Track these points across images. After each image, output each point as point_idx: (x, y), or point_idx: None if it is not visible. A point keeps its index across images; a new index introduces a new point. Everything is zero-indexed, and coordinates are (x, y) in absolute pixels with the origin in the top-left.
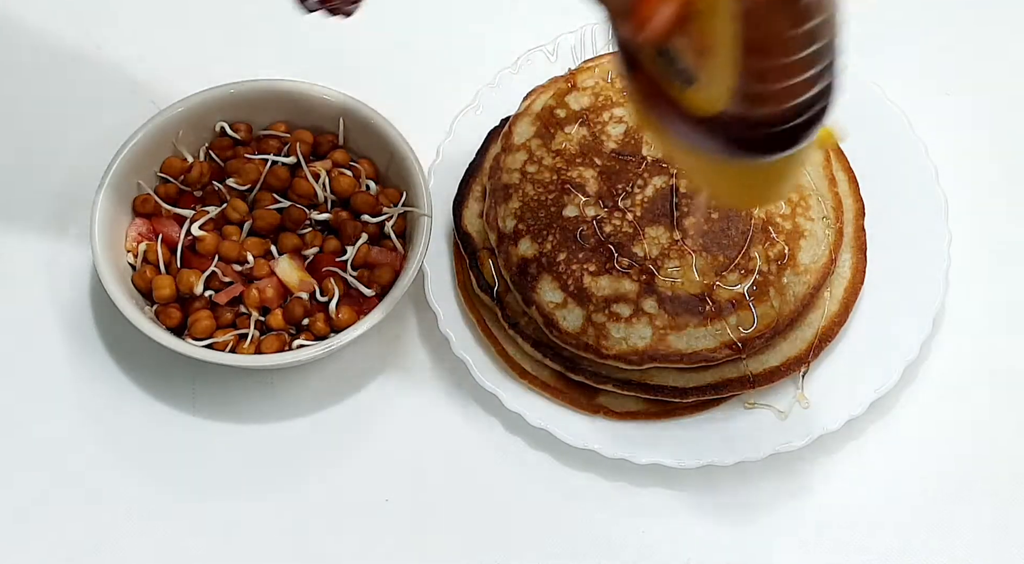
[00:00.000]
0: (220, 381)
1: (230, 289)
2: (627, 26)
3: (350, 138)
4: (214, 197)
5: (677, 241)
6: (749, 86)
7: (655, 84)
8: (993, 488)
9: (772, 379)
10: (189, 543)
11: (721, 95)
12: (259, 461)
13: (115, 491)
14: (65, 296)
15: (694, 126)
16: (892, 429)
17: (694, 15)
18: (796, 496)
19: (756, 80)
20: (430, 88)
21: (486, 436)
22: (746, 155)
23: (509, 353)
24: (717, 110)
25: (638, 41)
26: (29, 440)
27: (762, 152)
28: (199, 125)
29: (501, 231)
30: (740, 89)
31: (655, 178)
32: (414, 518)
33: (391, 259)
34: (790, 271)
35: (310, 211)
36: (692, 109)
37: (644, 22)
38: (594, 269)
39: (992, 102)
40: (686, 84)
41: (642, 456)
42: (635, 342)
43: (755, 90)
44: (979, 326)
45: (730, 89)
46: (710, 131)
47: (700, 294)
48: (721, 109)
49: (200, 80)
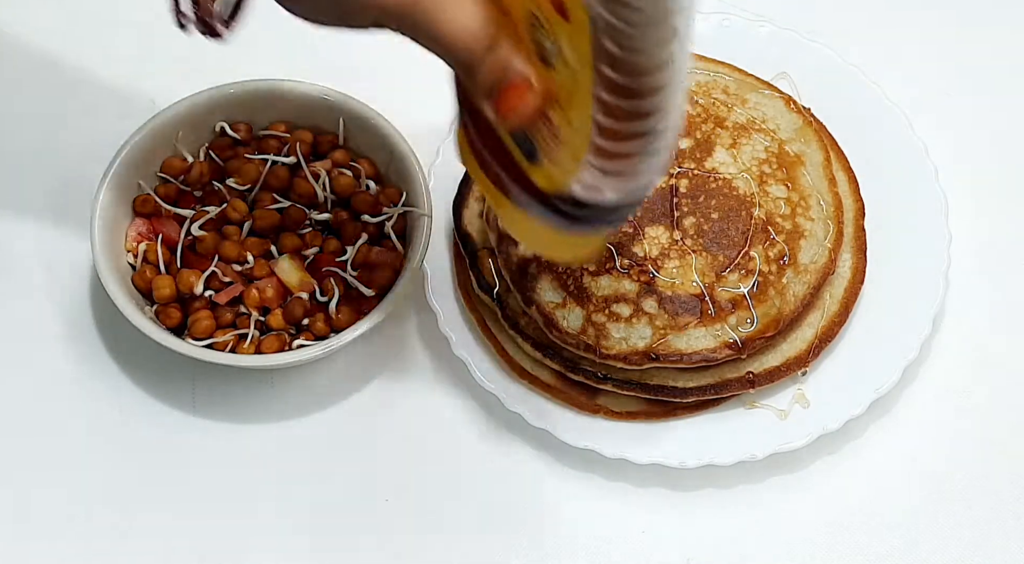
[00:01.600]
0: (220, 381)
1: (230, 289)
2: (490, 106)
3: (350, 138)
4: (214, 197)
5: (677, 241)
6: (589, 176)
7: (498, 143)
8: (993, 488)
9: (772, 379)
10: (189, 543)
11: (562, 179)
12: (259, 461)
13: (115, 490)
14: (65, 296)
15: (527, 192)
16: (892, 429)
17: (551, 106)
18: (796, 496)
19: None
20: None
21: (486, 436)
22: (567, 227)
23: (509, 353)
24: (556, 189)
25: (499, 125)
26: (29, 440)
27: (582, 227)
28: (199, 125)
29: (501, 231)
30: (580, 180)
31: None
32: (414, 518)
33: (391, 259)
34: (790, 271)
35: (310, 211)
36: (534, 182)
37: (510, 111)
38: (594, 269)
39: (992, 102)
40: (531, 159)
41: (642, 456)
42: (635, 342)
43: (593, 179)
44: (979, 326)
45: (570, 175)
46: (542, 202)
47: (700, 294)
48: (559, 190)
49: (200, 80)
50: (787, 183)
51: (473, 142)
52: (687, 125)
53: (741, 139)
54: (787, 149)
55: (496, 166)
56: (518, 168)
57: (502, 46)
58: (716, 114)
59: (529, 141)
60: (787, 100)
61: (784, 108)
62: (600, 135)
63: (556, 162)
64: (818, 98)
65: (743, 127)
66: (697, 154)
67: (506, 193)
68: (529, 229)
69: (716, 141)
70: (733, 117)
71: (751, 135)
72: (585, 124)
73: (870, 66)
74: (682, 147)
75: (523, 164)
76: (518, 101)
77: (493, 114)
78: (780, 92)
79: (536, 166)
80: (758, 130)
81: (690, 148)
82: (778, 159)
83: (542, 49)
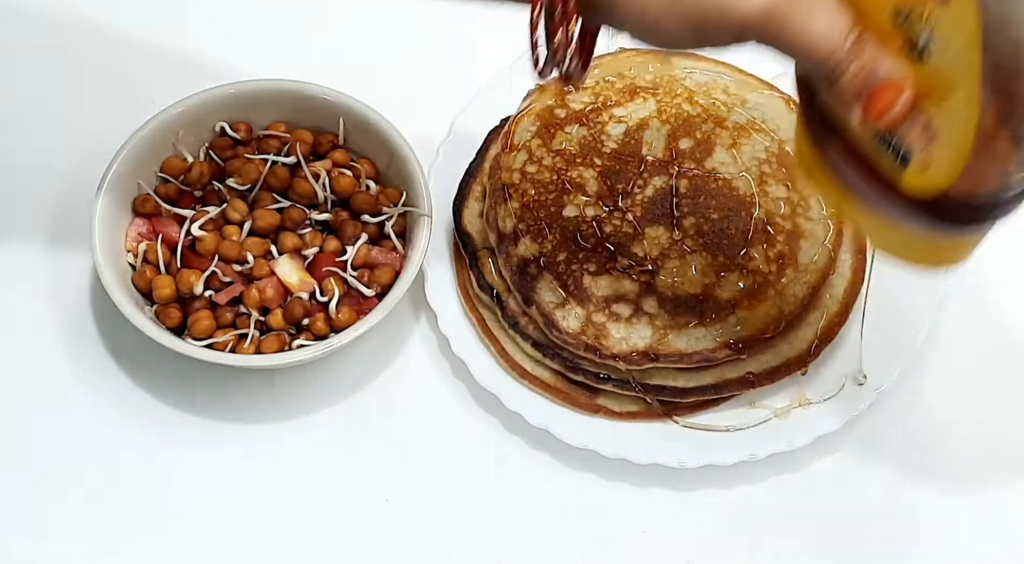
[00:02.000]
0: (220, 381)
1: (230, 289)
2: (859, 113)
3: (350, 138)
4: (214, 197)
5: (677, 241)
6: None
7: (854, 151)
8: (993, 488)
9: (772, 379)
10: (189, 543)
11: (941, 177)
12: (259, 461)
13: (115, 490)
14: (65, 296)
15: (897, 199)
16: (892, 429)
17: (925, 101)
18: (796, 496)
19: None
20: (430, 88)
21: (486, 436)
22: (951, 230)
23: (509, 353)
24: (934, 190)
25: (865, 129)
26: (29, 440)
27: (967, 227)
28: (199, 125)
29: (501, 231)
30: (969, 174)
31: (655, 178)
32: (414, 518)
33: (391, 259)
34: (790, 271)
35: (310, 211)
36: (904, 187)
37: (881, 112)
38: (594, 269)
39: None
40: (901, 163)
41: (642, 456)
42: (635, 342)
43: (979, 174)
44: (979, 327)
45: (952, 172)
46: (916, 207)
47: (700, 294)
48: (938, 191)
49: (200, 80)
50: (787, 183)
51: (827, 156)
52: (687, 125)
53: (741, 139)
54: (787, 149)
55: (854, 174)
56: (879, 174)
57: (867, 47)
58: (716, 114)
59: (897, 144)
60: (787, 100)
61: (784, 108)
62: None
63: (933, 161)
64: None
65: (743, 127)
66: (697, 154)
67: (866, 203)
68: (896, 238)
69: (716, 141)
70: (733, 117)
71: (751, 135)
72: (971, 115)
73: None
74: (682, 147)
75: (888, 169)
76: (889, 102)
77: (859, 119)
78: (780, 92)
79: (911, 172)
80: (758, 130)
81: (690, 148)
82: (778, 159)
83: (911, 43)
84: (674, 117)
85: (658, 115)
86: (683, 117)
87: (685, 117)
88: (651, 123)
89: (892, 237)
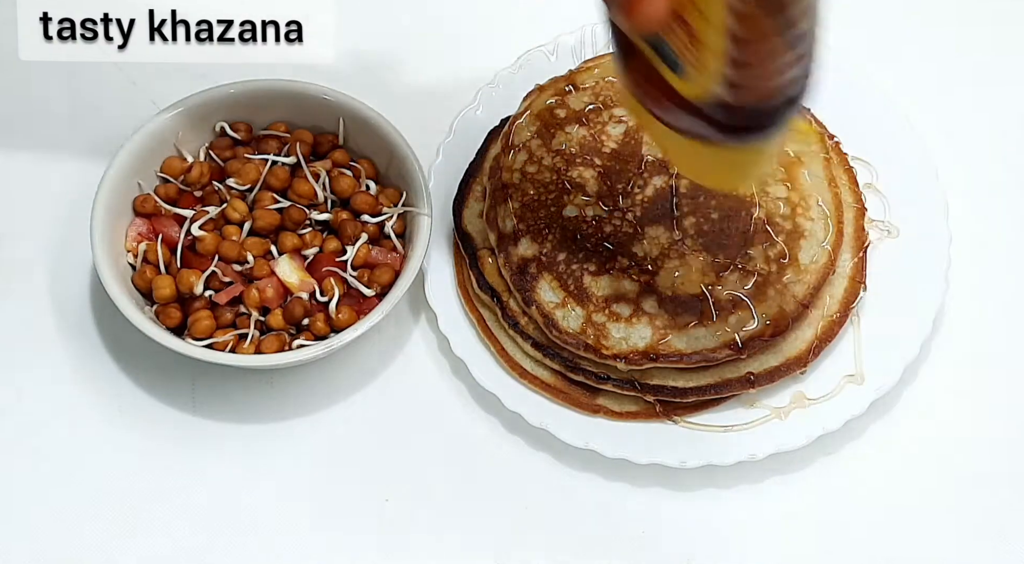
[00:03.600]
0: (220, 381)
1: (230, 289)
2: (622, 16)
3: (350, 138)
4: (214, 197)
5: (677, 241)
6: (734, 74)
7: (648, 69)
8: (993, 488)
9: (772, 379)
10: (189, 542)
11: (708, 82)
12: (259, 461)
13: (115, 490)
14: (65, 296)
15: (683, 110)
16: (892, 429)
17: (685, 8)
18: (796, 496)
19: (740, 68)
20: (430, 88)
21: (486, 436)
22: (727, 138)
23: (509, 353)
24: (704, 95)
25: (632, 30)
26: (29, 440)
27: (742, 135)
28: (199, 125)
29: (501, 231)
30: (726, 77)
31: (655, 178)
32: (414, 518)
33: (391, 259)
34: (790, 271)
35: (310, 211)
36: (682, 94)
37: (639, 13)
38: (594, 269)
39: (992, 102)
40: (676, 71)
41: (642, 456)
42: (635, 342)
43: (739, 78)
44: (979, 326)
45: (716, 76)
46: (697, 114)
47: (700, 294)
48: (707, 95)
49: (200, 80)
50: (787, 183)
51: (631, 78)
52: None
53: None
54: (787, 149)
55: (651, 90)
56: (670, 88)
57: None
58: None
59: (671, 51)
60: None
61: None
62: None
63: (700, 67)
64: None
65: None
66: None
67: (662, 117)
68: (693, 155)
69: None
70: None
71: None
72: (722, 15)
73: (870, 66)
74: None
75: (670, 78)
76: (646, 4)
77: (623, 21)
78: None
79: (682, 77)
80: None
81: None
82: (778, 159)
83: None
84: None
85: None
86: None
87: None
88: None
89: (690, 154)
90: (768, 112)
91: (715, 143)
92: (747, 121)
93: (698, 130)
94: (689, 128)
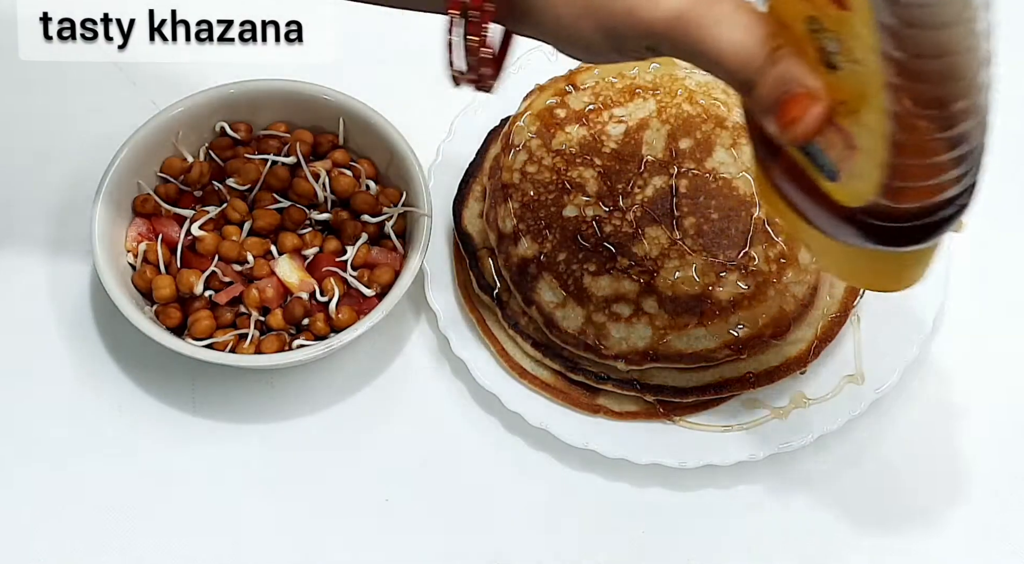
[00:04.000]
0: (220, 381)
1: (230, 289)
2: (776, 126)
3: (350, 138)
4: (214, 197)
5: (677, 241)
6: (896, 182)
7: (794, 169)
8: (993, 488)
9: (772, 379)
10: (189, 542)
11: (866, 190)
12: (259, 461)
13: (115, 490)
14: (65, 296)
15: (834, 215)
16: (892, 429)
17: (841, 115)
18: (796, 496)
19: (903, 178)
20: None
21: (486, 436)
22: (886, 246)
23: (509, 353)
24: (860, 204)
25: (784, 140)
26: (29, 440)
27: (902, 243)
28: (199, 125)
29: (501, 231)
30: (886, 185)
31: (655, 178)
32: (414, 518)
33: (391, 259)
34: (790, 271)
35: (310, 211)
36: (836, 200)
37: (793, 122)
38: (594, 269)
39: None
40: (829, 178)
41: (642, 456)
42: (635, 342)
43: (901, 187)
44: (979, 326)
45: (875, 185)
46: (850, 221)
47: (700, 294)
48: (864, 204)
49: (200, 80)
50: None
51: (775, 178)
52: (687, 125)
53: (741, 139)
54: None
55: (801, 196)
56: (821, 193)
57: (782, 58)
58: (716, 114)
59: (825, 158)
60: None
61: None
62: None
63: (857, 174)
64: None
65: (743, 127)
66: (697, 154)
67: (812, 222)
68: (849, 261)
69: (716, 141)
70: (733, 117)
71: None
72: (879, 125)
73: None
74: (682, 147)
75: (822, 184)
76: (801, 112)
77: (776, 130)
78: None
79: (837, 184)
80: None
81: (690, 148)
82: None
83: (826, 54)
84: (674, 117)
85: (658, 115)
86: (683, 117)
87: (685, 117)
88: (651, 123)
89: (841, 258)
90: (929, 215)
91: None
92: (907, 226)
93: (853, 237)
94: (843, 235)
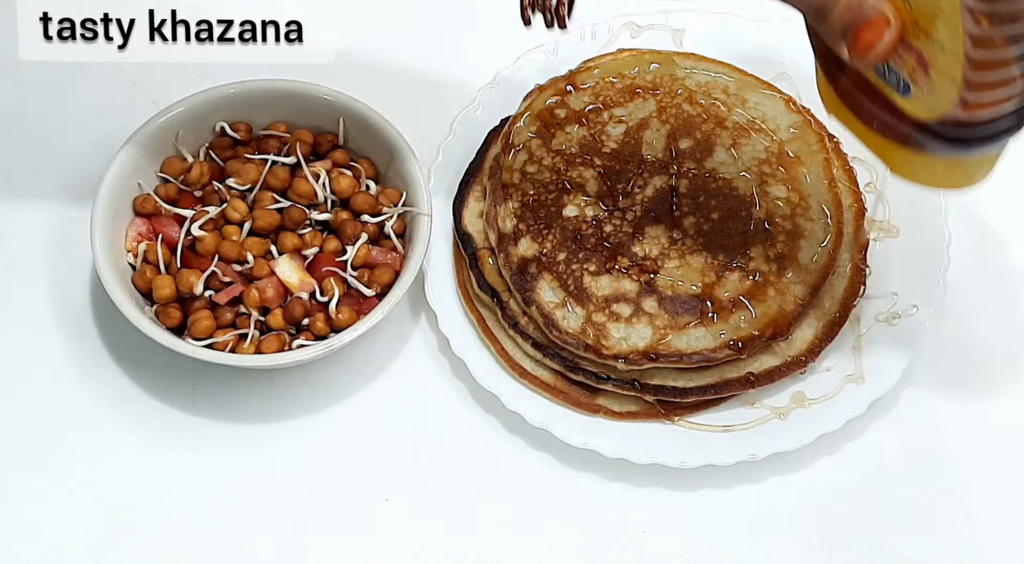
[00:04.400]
0: (220, 381)
1: (230, 289)
2: (849, 51)
3: (350, 138)
4: (214, 197)
5: (677, 241)
6: (971, 95)
7: (863, 84)
8: (992, 488)
9: (772, 379)
10: (189, 542)
11: (941, 104)
12: (259, 461)
13: (115, 490)
14: (65, 296)
15: (908, 125)
16: (892, 429)
17: (912, 34)
18: (796, 496)
19: (979, 90)
20: (430, 88)
21: (486, 436)
22: (960, 152)
23: (509, 353)
24: (936, 116)
25: (857, 64)
26: (29, 440)
27: (975, 148)
28: (199, 125)
29: (501, 231)
30: (962, 99)
31: (655, 178)
32: (414, 518)
33: (391, 259)
34: (790, 271)
35: (310, 211)
36: (909, 114)
37: (867, 47)
38: (594, 269)
39: None
40: (904, 93)
41: (642, 456)
42: (635, 342)
43: (977, 99)
44: (979, 325)
45: (951, 98)
46: (924, 131)
47: (700, 294)
48: (939, 116)
49: (200, 80)
50: (787, 183)
51: (842, 91)
52: (687, 125)
53: (741, 139)
54: (787, 149)
55: (872, 108)
56: (893, 105)
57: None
58: (716, 114)
59: (897, 75)
60: (787, 100)
61: (784, 108)
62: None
63: (932, 89)
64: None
65: (743, 127)
66: (697, 154)
67: (887, 134)
68: (920, 165)
69: (716, 141)
70: (733, 117)
71: (751, 135)
72: (957, 42)
73: None
74: (682, 147)
75: (896, 99)
76: (874, 37)
77: (849, 55)
78: (780, 92)
79: (910, 99)
80: (758, 130)
81: (690, 148)
82: (778, 159)
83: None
84: (674, 117)
85: (658, 115)
86: (683, 117)
87: (685, 117)
88: (651, 123)
89: (912, 161)
90: (999, 123)
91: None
92: (979, 135)
93: (926, 144)
94: (916, 143)
